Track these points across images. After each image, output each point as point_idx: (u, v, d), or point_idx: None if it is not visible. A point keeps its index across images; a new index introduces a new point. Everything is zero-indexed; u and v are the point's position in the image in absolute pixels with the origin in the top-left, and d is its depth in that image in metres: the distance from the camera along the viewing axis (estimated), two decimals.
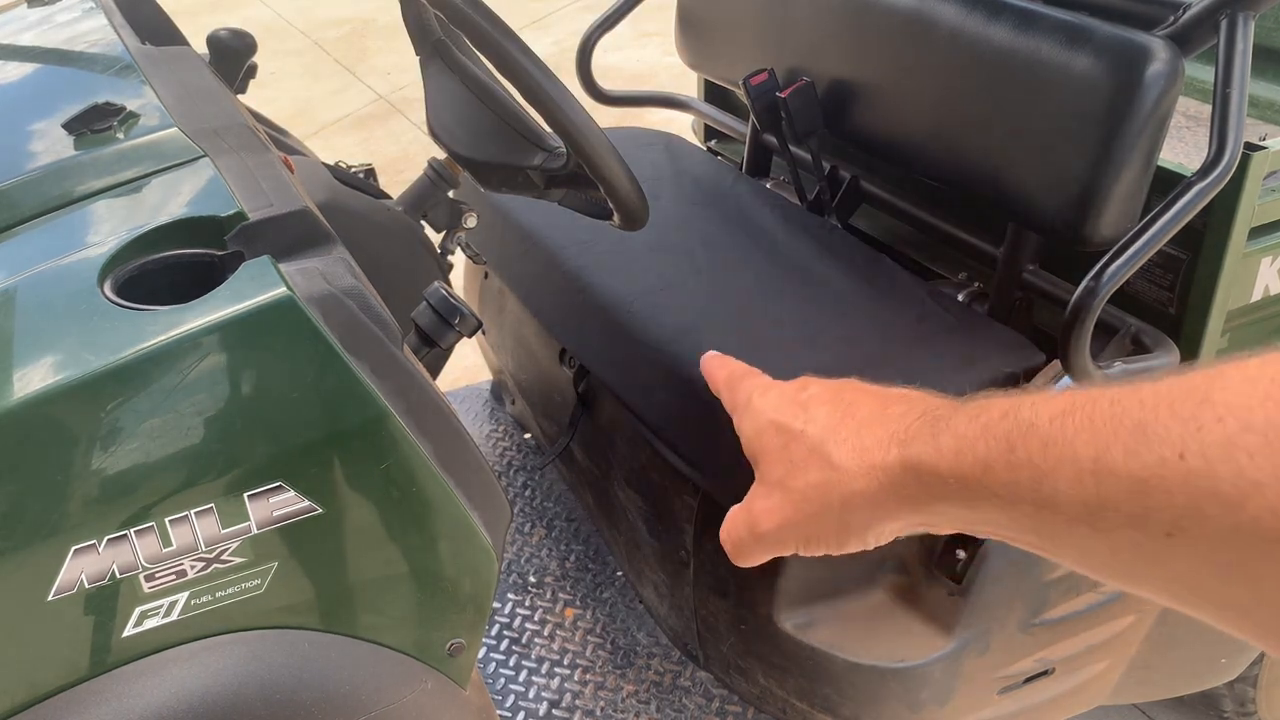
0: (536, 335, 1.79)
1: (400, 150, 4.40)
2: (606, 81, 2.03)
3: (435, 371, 1.45)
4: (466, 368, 2.69)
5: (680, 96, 2.17)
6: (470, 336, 1.11)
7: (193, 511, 0.81)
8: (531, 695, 1.62)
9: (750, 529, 0.57)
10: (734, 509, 0.59)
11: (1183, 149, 1.88)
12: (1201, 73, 1.88)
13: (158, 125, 1.05)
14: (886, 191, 1.70)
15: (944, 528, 0.50)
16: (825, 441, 0.54)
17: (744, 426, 0.61)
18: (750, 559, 0.58)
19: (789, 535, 0.56)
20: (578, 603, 1.76)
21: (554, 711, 1.60)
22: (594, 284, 1.52)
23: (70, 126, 1.05)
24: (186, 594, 0.84)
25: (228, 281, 0.83)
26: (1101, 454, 0.39)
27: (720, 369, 0.69)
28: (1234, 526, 0.35)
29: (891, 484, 0.50)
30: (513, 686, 1.63)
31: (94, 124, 1.05)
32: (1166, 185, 1.20)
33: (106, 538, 0.79)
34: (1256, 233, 1.28)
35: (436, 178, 1.44)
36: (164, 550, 0.81)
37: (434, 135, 1.39)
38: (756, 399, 0.61)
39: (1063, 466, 0.41)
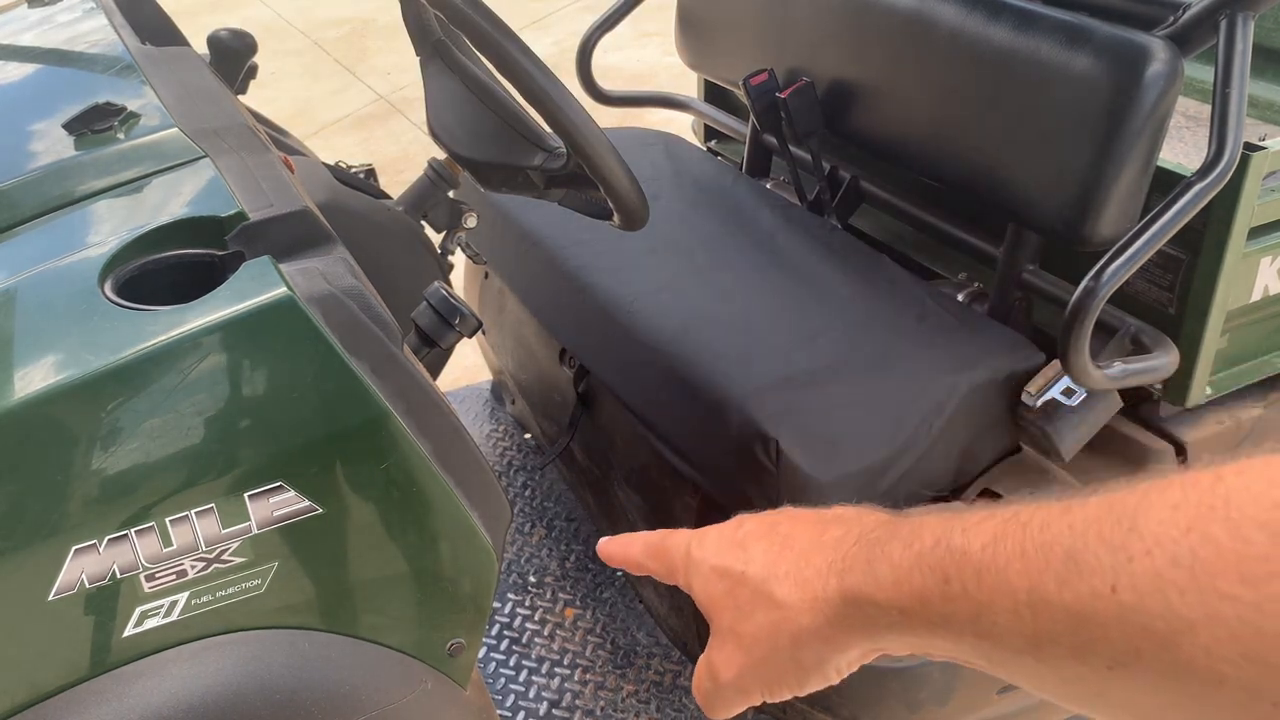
0: (536, 335, 1.79)
1: (400, 150, 4.40)
2: (606, 82, 2.03)
3: (435, 372, 1.45)
4: (466, 368, 2.69)
5: (680, 96, 2.17)
6: (470, 337, 1.11)
7: (193, 511, 0.81)
8: (532, 695, 1.62)
9: (713, 680, 0.55)
10: (700, 660, 0.57)
11: (1183, 149, 1.88)
12: (1201, 73, 1.88)
13: (158, 125, 1.05)
14: (886, 191, 1.70)
15: (902, 652, 0.48)
16: (767, 580, 0.52)
17: (693, 584, 0.57)
18: (720, 710, 0.57)
19: (749, 682, 0.54)
20: (578, 603, 1.76)
21: (554, 711, 1.60)
22: (594, 284, 1.52)
23: (71, 127, 1.05)
24: (187, 594, 0.84)
25: (228, 282, 0.83)
26: (1035, 585, 0.38)
27: (628, 546, 0.62)
28: (1170, 665, 0.34)
29: (835, 616, 0.49)
30: (513, 686, 1.63)
31: (94, 124, 1.05)
32: (1166, 185, 1.20)
33: (107, 538, 0.79)
34: (1256, 233, 1.28)
35: (436, 178, 1.44)
36: (164, 550, 0.81)
37: (434, 135, 1.39)
38: (695, 550, 0.58)
39: (999, 598, 0.40)
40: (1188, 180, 1.16)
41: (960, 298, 1.51)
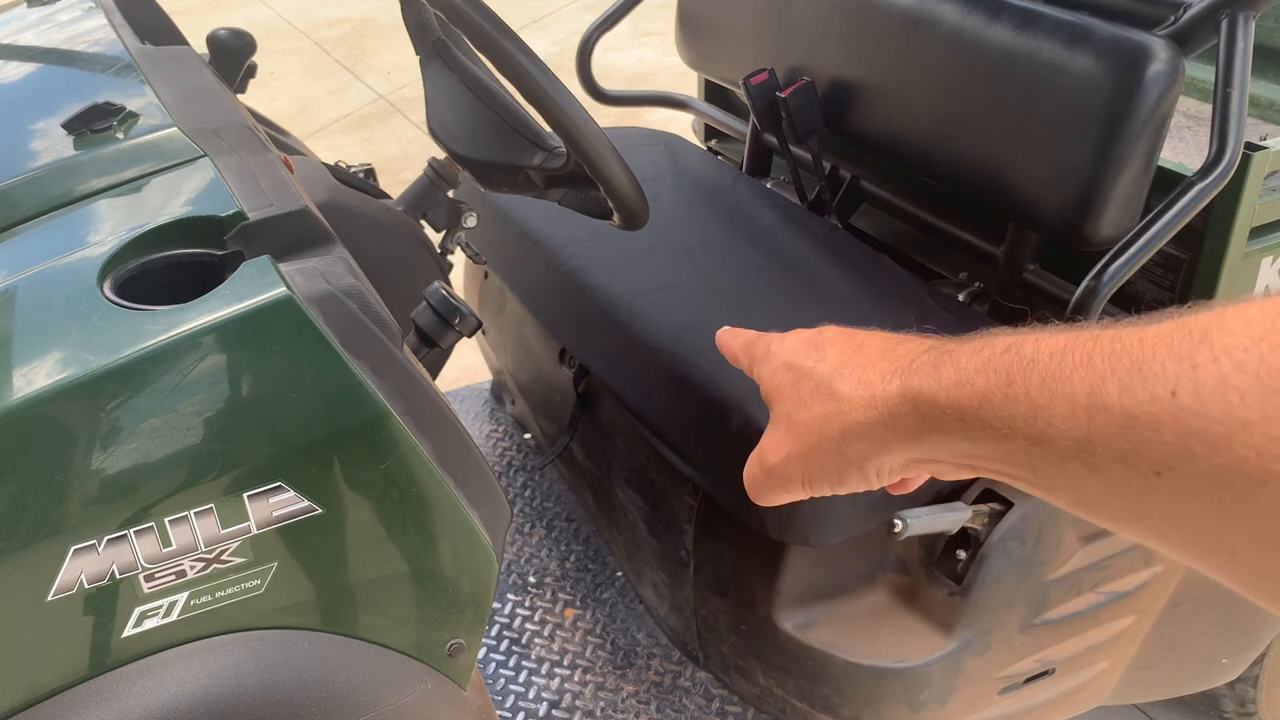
0: (536, 335, 1.79)
1: (400, 150, 4.40)
2: (606, 81, 2.03)
3: (435, 371, 1.45)
4: (466, 367, 2.69)
5: (680, 96, 2.17)
6: (470, 336, 1.11)
7: (192, 511, 0.81)
8: (531, 695, 1.62)
9: (760, 464, 0.60)
10: (754, 451, 0.61)
11: (1183, 149, 1.88)
12: (1202, 73, 1.88)
13: (157, 125, 1.04)
14: (886, 191, 1.69)
15: (941, 466, 0.52)
16: (832, 377, 0.56)
17: (762, 373, 0.63)
18: (764, 496, 0.61)
19: (793, 469, 0.58)
20: (578, 603, 1.76)
21: (554, 712, 1.59)
22: (594, 284, 1.52)
23: (70, 126, 1.05)
24: (186, 594, 0.84)
25: (227, 281, 0.83)
26: (1096, 389, 0.40)
27: (735, 338, 0.70)
28: (1219, 466, 0.35)
29: (890, 415, 0.52)
30: (513, 687, 1.63)
31: (94, 124, 1.05)
32: (1167, 185, 1.20)
33: (106, 538, 0.79)
34: (1257, 233, 1.28)
35: (436, 177, 1.44)
36: (164, 550, 0.81)
37: (434, 135, 1.39)
38: (775, 346, 0.63)
39: (1058, 402, 0.41)
40: (1189, 180, 1.16)
41: (961, 298, 1.51)
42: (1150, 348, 0.38)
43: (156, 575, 0.82)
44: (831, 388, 0.55)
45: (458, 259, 1.58)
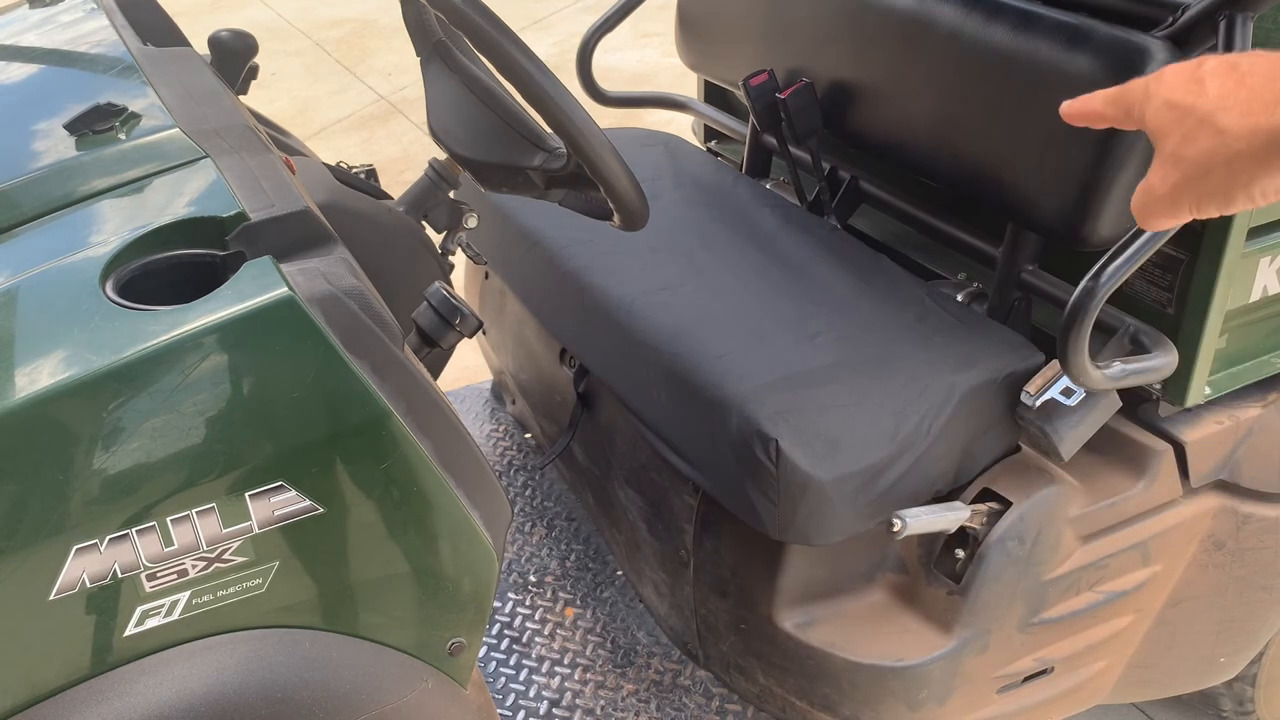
0: (536, 335, 1.79)
1: (401, 151, 4.40)
2: (607, 82, 2.04)
3: (436, 371, 1.45)
4: (466, 367, 2.69)
5: (680, 97, 2.17)
6: (471, 336, 1.11)
7: (194, 511, 0.81)
8: (532, 694, 1.62)
9: (1148, 194, 0.64)
10: (1141, 183, 0.65)
11: None
12: None
13: (159, 126, 1.05)
14: (886, 192, 1.70)
15: None
16: (1215, 112, 0.59)
17: (1145, 113, 0.65)
18: (1152, 221, 0.65)
19: (1181, 195, 0.62)
20: (578, 602, 1.76)
21: (554, 710, 1.60)
22: (594, 284, 1.52)
23: (72, 127, 1.06)
24: (188, 593, 0.84)
25: (229, 282, 0.83)
26: None
27: (1087, 102, 0.73)
28: None
29: (1275, 142, 0.56)
30: (513, 685, 1.64)
31: (96, 124, 1.05)
32: None
33: (108, 537, 0.79)
34: (1255, 233, 1.28)
35: (437, 178, 1.44)
36: (165, 550, 0.81)
37: (434, 136, 1.39)
38: (1152, 86, 0.65)
39: None
40: None
41: (960, 298, 1.51)
42: None
43: (158, 574, 0.82)
44: (1215, 122, 0.59)
45: (458, 259, 1.58)
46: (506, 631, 1.72)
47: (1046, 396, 1.29)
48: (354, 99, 4.97)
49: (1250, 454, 1.43)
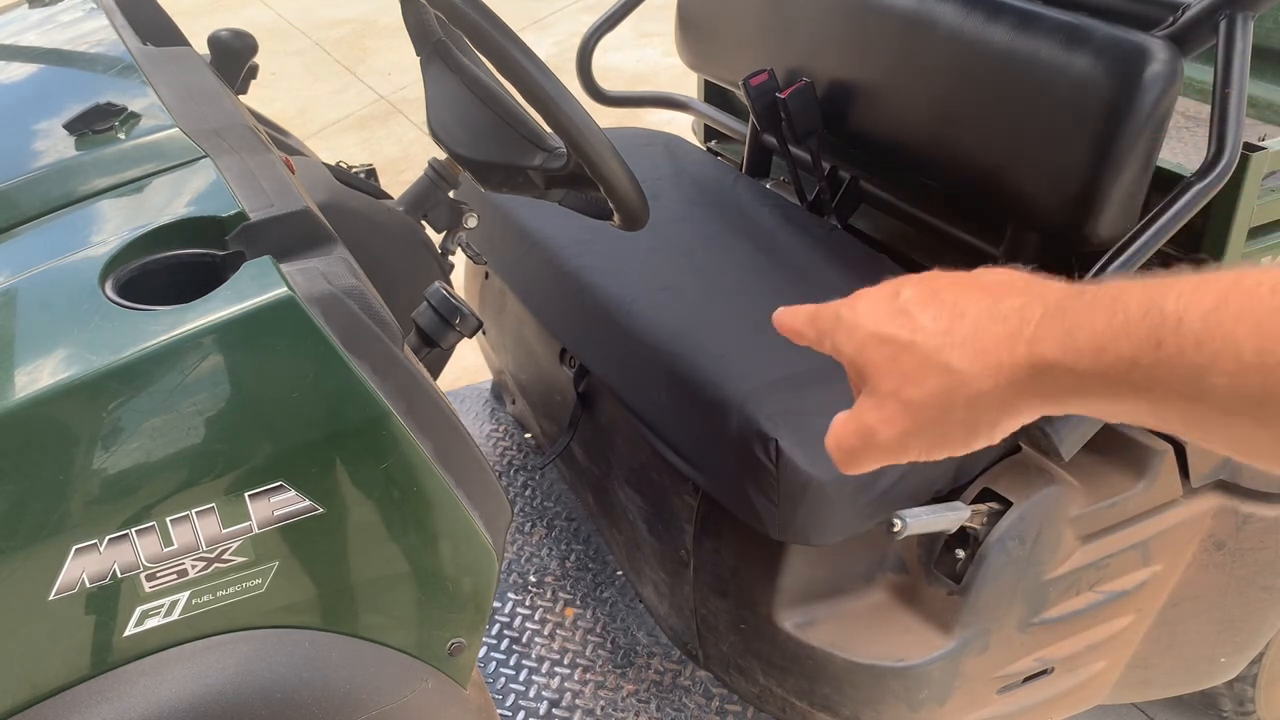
0: (536, 335, 1.79)
1: (401, 150, 4.40)
2: (607, 82, 2.04)
3: (436, 371, 1.45)
4: (466, 367, 2.69)
5: (680, 97, 2.17)
6: (470, 336, 1.11)
7: (194, 511, 0.81)
8: (532, 694, 1.62)
9: (864, 439, 0.57)
10: (841, 418, 0.59)
11: (1182, 149, 1.88)
12: (1201, 73, 1.88)
13: (159, 125, 1.05)
14: (886, 192, 1.70)
15: (1084, 413, 0.51)
16: (940, 348, 0.53)
17: (842, 346, 0.59)
18: (862, 467, 0.59)
19: (911, 442, 0.56)
20: (578, 602, 1.76)
21: (554, 711, 1.60)
22: (594, 284, 1.52)
23: (72, 126, 1.05)
24: (187, 593, 0.84)
25: (229, 281, 0.83)
26: (1267, 347, 0.39)
27: (795, 316, 0.66)
28: None
29: (1019, 383, 0.50)
30: (513, 686, 1.64)
31: (95, 124, 1.05)
32: (1166, 185, 1.20)
33: (108, 537, 0.79)
34: (1256, 233, 1.28)
35: (437, 178, 1.44)
36: (165, 550, 0.81)
37: (434, 135, 1.39)
38: (845, 314, 0.60)
39: (1221, 361, 0.41)
40: (1187, 180, 1.16)
41: None
42: None
43: (158, 574, 0.82)
44: (943, 361, 0.52)
45: (458, 259, 1.58)
46: (506, 632, 1.72)
47: None
48: (354, 99, 4.97)
49: None
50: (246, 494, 0.82)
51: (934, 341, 0.53)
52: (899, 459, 0.57)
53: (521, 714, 1.59)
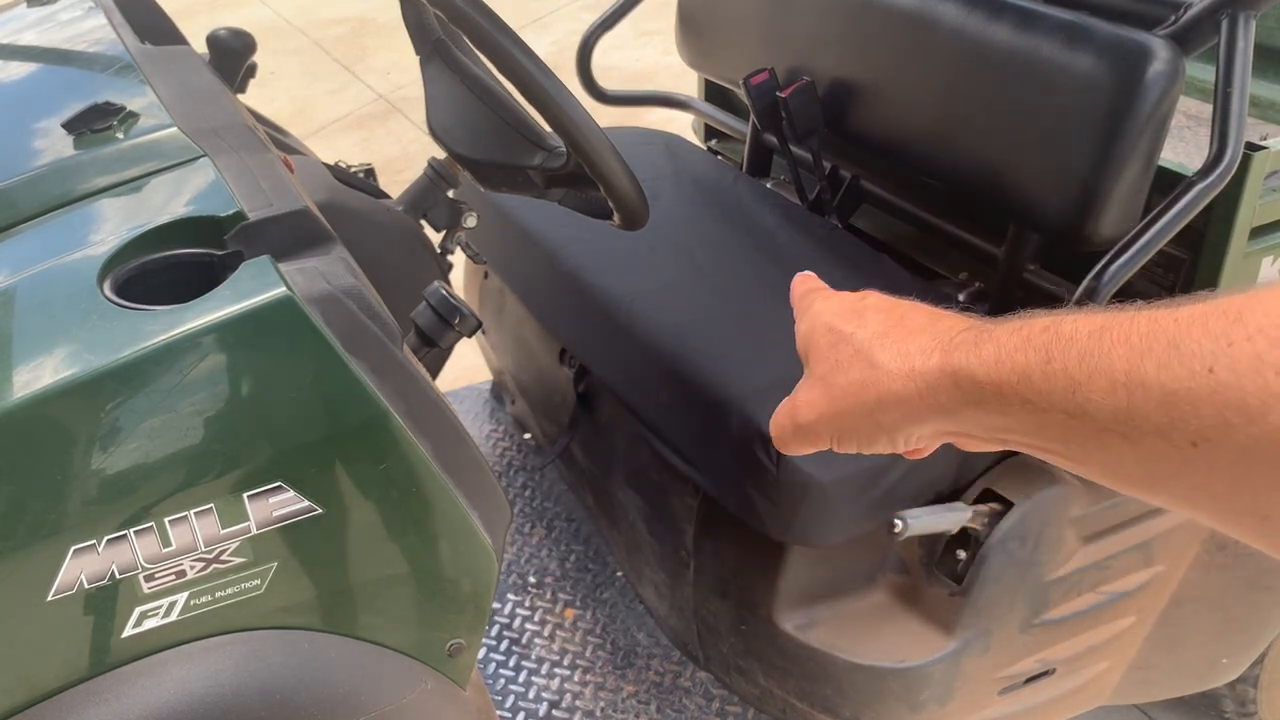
0: (536, 335, 1.79)
1: (400, 150, 4.39)
2: (606, 81, 2.03)
3: (435, 371, 1.45)
4: (466, 367, 2.68)
5: (680, 96, 2.17)
6: (470, 336, 1.11)
7: (192, 512, 0.81)
8: (531, 695, 1.62)
9: (791, 419, 0.62)
10: (784, 402, 0.63)
11: (1183, 149, 1.87)
12: (1202, 73, 1.88)
13: (157, 125, 1.04)
14: (887, 191, 1.69)
15: (971, 440, 0.54)
16: (872, 345, 0.57)
17: (800, 327, 0.64)
18: (791, 448, 0.63)
19: (824, 427, 0.60)
20: (578, 603, 1.76)
21: (554, 712, 1.59)
22: (594, 284, 1.52)
23: (70, 126, 1.05)
24: (186, 594, 0.84)
25: (227, 281, 0.83)
26: (1135, 367, 0.42)
27: (801, 284, 0.72)
28: (1255, 436, 0.37)
29: (928, 388, 0.53)
30: (513, 687, 1.63)
31: (94, 123, 1.05)
32: (1167, 185, 1.20)
33: (106, 538, 0.79)
34: (1257, 233, 1.28)
35: (436, 177, 1.44)
36: (164, 550, 0.81)
37: (434, 135, 1.39)
38: (818, 304, 0.64)
39: (1097, 378, 0.43)
40: (1189, 180, 1.16)
41: (961, 298, 1.51)
42: (1185, 327, 0.40)
43: (156, 575, 0.82)
44: (871, 355, 0.57)
45: (458, 259, 1.58)
46: (506, 633, 1.72)
47: None
48: (353, 98, 4.96)
49: None
50: (245, 494, 0.82)
51: (870, 339, 0.58)
52: (813, 443, 0.61)
53: (521, 715, 1.59)
